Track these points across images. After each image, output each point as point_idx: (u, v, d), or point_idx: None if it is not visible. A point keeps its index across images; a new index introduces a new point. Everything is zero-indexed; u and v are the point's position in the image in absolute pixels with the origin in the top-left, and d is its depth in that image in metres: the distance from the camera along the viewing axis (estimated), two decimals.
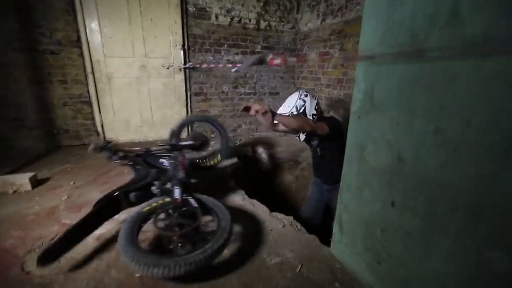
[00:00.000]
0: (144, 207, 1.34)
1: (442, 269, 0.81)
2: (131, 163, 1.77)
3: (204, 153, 2.22)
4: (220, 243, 1.16)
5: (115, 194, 1.35)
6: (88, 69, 2.82)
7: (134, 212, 1.30)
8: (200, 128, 3.53)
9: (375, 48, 0.97)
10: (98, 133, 3.06)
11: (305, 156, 3.76)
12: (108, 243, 1.36)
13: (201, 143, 2.28)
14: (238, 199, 1.94)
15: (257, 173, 3.57)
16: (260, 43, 3.63)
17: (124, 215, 1.47)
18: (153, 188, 1.51)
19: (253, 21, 3.51)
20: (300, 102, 1.86)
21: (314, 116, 1.89)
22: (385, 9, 0.91)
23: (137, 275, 1.15)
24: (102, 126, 3.04)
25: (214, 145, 3.03)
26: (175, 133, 2.13)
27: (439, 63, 0.75)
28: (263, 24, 3.58)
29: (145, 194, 1.47)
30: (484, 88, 0.66)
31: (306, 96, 1.90)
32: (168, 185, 1.55)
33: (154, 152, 1.88)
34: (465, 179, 0.73)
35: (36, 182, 1.99)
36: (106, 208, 1.34)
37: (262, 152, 3.84)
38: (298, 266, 1.24)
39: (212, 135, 3.50)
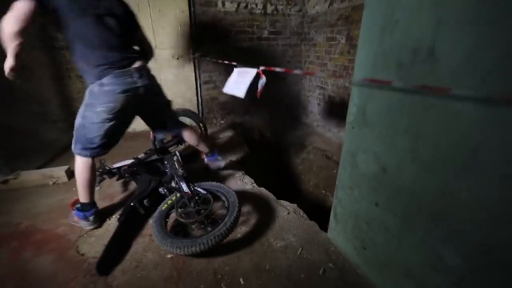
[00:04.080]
0: (162, 206, 1.59)
1: (410, 258, 1.02)
2: (129, 176, 2.03)
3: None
4: (235, 215, 1.45)
5: (132, 204, 1.61)
6: None
7: (156, 212, 1.55)
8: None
9: (367, 72, 1.09)
10: None
11: (311, 140, 3.92)
12: (145, 234, 1.64)
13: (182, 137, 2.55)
14: (248, 187, 2.17)
15: (265, 158, 3.79)
16: (267, 28, 3.63)
17: None
18: (160, 190, 1.76)
19: (260, 6, 3.49)
20: None
21: None
22: (377, 36, 1.02)
23: (169, 256, 1.43)
24: None
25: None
26: (158, 136, 2.35)
27: (418, 95, 0.89)
28: (269, 8, 3.55)
29: (155, 197, 1.73)
30: (449, 121, 0.81)
31: None
32: (173, 184, 1.79)
33: (143, 159, 2.14)
34: (430, 192, 0.90)
35: (70, 174, 2.26)
36: (129, 217, 1.60)
37: (270, 137, 4.01)
38: (299, 249, 1.49)
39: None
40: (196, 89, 3.52)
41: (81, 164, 1.54)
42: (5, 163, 2.11)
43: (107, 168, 2.08)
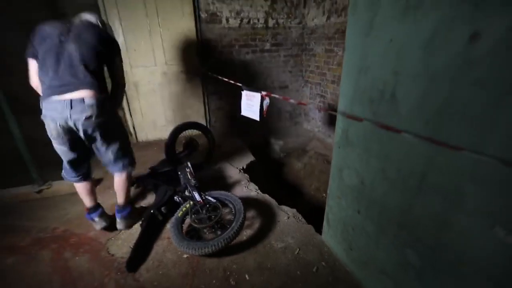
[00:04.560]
0: (178, 213, 1.84)
1: (384, 258, 1.24)
2: (146, 185, 2.29)
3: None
4: (241, 221, 1.68)
5: (151, 211, 1.87)
6: None
7: (173, 218, 1.80)
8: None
9: (348, 103, 1.31)
10: (131, 133, 3.57)
11: (313, 145, 4.13)
12: (164, 237, 1.89)
13: (193, 148, 2.79)
14: (253, 194, 2.40)
15: (269, 163, 4.02)
16: (269, 41, 3.85)
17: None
18: (175, 198, 2.01)
19: (262, 20, 3.71)
20: None
21: None
22: (355, 75, 1.24)
23: (185, 256, 1.68)
24: (133, 127, 3.55)
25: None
26: (170, 147, 2.56)
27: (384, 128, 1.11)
28: (271, 22, 3.76)
29: (171, 205, 1.99)
30: (406, 151, 1.03)
31: None
32: (186, 193, 2.03)
33: (158, 169, 2.40)
34: (396, 204, 1.12)
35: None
36: (150, 223, 1.87)
37: (274, 143, 4.24)
38: (297, 249, 1.72)
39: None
40: (204, 99, 3.77)
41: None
42: (39, 175, 2.39)
43: None
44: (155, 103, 3.53)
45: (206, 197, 1.90)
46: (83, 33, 1.52)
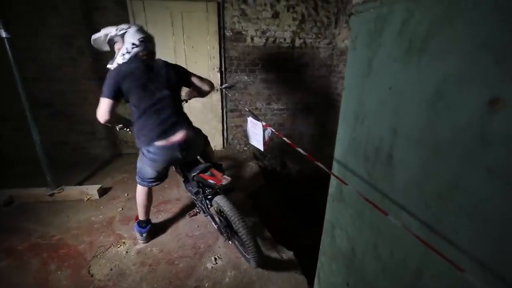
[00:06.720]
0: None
1: None
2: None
3: None
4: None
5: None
6: None
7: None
8: None
9: (343, 153, 1.10)
10: None
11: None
12: (146, 263, 1.82)
13: None
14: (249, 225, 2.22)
15: (283, 188, 3.79)
16: (294, 61, 3.70)
17: None
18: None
19: (288, 40, 3.59)
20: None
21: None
22: (352, 122, 1.03)
23: None
24: None
25: None
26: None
27: (379, 194, 0.88)
28: (298, 42, 3.63)
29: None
30: (399, 233, 0.79)
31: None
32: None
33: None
34: None
35: (102, 192, 2.61)
36: None
37: (291, 167, 4.02)
38: None
39: None
40: (222, 116, 3.74)
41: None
42: (54, 178, 2.52)
43: None
44: None
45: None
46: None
